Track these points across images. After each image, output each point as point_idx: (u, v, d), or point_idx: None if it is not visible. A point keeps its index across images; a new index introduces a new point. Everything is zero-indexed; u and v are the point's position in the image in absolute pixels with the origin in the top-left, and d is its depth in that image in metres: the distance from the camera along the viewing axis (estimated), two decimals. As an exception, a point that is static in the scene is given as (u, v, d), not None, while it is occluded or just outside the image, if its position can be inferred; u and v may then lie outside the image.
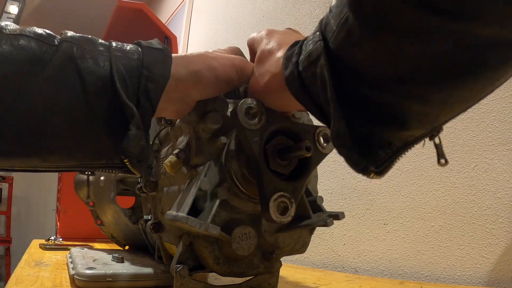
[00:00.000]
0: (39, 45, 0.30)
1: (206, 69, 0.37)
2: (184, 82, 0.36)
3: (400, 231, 0.79)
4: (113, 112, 0.32)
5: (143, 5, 1.69)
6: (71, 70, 0.31)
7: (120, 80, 0.32)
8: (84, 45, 0.32)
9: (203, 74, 0.36)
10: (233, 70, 0.38)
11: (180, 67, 0.35)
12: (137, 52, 0.34)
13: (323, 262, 0.94)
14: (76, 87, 0.31)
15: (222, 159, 0.39)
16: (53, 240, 1.01)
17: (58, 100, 0.30)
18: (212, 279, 0.54)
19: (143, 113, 0.33)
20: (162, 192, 0.49)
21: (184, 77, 0.36)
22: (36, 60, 0.30)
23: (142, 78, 0.33)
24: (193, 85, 0.36)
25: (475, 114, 0.69)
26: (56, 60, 0.30)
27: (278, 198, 0.35)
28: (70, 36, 0.33)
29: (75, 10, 3.35)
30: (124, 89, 0.32)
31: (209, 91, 0.38)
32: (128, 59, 0.33)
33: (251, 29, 1.44)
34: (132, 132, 0.32)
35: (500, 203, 0.63)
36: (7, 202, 3.31)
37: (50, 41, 0.31)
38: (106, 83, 0.32)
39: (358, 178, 0.90)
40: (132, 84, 0.32)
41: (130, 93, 0.32)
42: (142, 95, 0.33)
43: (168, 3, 2.63)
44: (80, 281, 0.49)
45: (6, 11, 2.82)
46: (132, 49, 0.34)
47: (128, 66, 0.33)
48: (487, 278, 0.63)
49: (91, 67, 0.31)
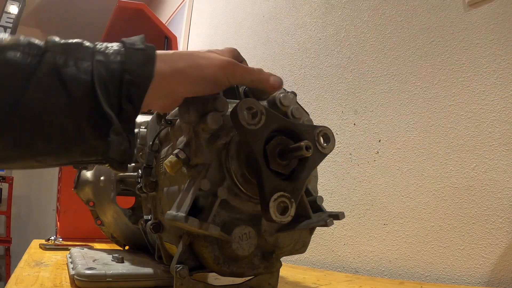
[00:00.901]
0: (24, 58, 0.32)
1: (192, 68, 0.37)
2: (169, 80, 0.37)
3: (400, 231, 0.79)
4: (97, 116, 0.33)
5: (143, 5, 1.69)
6: (55, 79, 0.32)
7: (101, 87, 0.33)
8: (68, 52, 0.33)
9: (189, 72, 0.37)
10: (221, 71, 0.38)
11: (165, 65, 0.36)
12: (120, 54, 0.35)
13: (323, 262, 0.94)
14: (60, 95, 0.32)
15: (222, 159, 0.39)
16: (53, 240, 1.01)
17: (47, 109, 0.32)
18: (212, 279, 0.54)
19: (125, 116, 0.34)
20: (162, 192, 0.49)
21: (168, 74, 0.36)
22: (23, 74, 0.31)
23: (124, 83, 0.34)
24: (178, 83, 0.37)
25: (475, 115, 0.69)
26: (39, 72, 0.32)
27: (278, 198, 0.35)
28: (53, 45, 0.34)
29: (75, 10, 3.35)
30: (105, 95, 0.33)
31: (195, 89, 0.38)
32: (110, 63, 0.34)
33: (251, 29, 1.44)
34: (111, 139, 0.34)
35: (500, 203, 0.63)
36: (7, 202, 3.31)
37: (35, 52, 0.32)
38: (88, 90, 0.33)
39: (358, 178, 0.90)
40: (114, 89, 0.33)
41: (112, 98, 0.33)
42: (124, 100, 0.34)
43: (168, 3, 2.63)
44: (80, 281, 0.49)
45: (6, 11, 2.82)
46: (115, 51, 0.35)
47: (110, 70, 0.34)
48: (487, 278, 0.63)
49: (73, 74, 0.32)
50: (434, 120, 0.75)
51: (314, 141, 0.38)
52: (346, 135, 0.94)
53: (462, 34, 0.72)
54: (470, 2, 0.71)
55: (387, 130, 0.85)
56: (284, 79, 1.32)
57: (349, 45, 0.98)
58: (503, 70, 0.65)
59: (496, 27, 0.67)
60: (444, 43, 0.75)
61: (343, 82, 0.98)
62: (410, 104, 0.81)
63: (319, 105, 1.04)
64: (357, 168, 0.90)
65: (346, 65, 0.98)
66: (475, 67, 0.70)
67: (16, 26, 2.83)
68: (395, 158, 0.82)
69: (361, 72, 0.94)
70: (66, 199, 1.15)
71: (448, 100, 0.74)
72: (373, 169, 0.86)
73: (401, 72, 0.84)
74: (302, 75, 1.13)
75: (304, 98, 1.09)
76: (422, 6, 0.81)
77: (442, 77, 0.75)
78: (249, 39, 1.44)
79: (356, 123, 0.92)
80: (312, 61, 1.10)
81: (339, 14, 1.02)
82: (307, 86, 1.10)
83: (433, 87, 0.77)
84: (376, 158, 0.86)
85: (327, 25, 1.06)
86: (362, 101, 0.92)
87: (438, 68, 0.76)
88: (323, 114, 1.02)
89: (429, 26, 0.79)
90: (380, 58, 0.89)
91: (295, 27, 1.19)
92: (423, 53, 0.79)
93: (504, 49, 0.66)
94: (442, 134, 0.73)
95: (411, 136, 0.79)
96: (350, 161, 0.92)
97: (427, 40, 0.79)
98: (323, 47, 1.06)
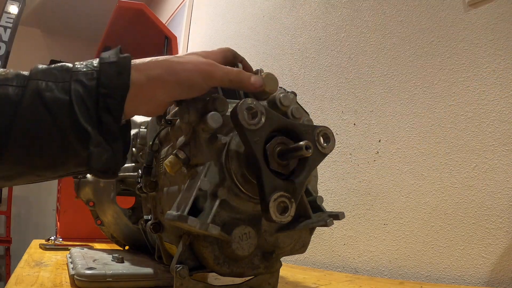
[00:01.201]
0: (13, 90, 0.36)
1: (167, 73, 0.39)
2: (146, 88, 0.39)
3: (400, 231, 0.79)
4: (79, 131, 0.36)
5: (143, 5, 1.69)
6: (39, 104, 0.35)
7: (78, 104, 0.36)
8: (49, 76, 0.37)
9: (164, 78, 0.39)
10: (197, 75, 0.40)
11: (140, 74, 0.38)
12: (95, 70, 0.37)
13: (323, 262, 0.94)
14: (45, 117, 0.35)
15: (222, 159, 0.39)
16: (53, 240, 1.01)
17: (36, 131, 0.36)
18: (212, 279, 0.54)
19: (105, 128, 0.37)
20: (162, 192, 0.49)
21: (145, 82, 0.38)
22: (11, 105, 0.35)
23: (100, 97, 0.36)
24: (156, 89, 0.39)
25: (475, 115, 0.69)
26: (25, 100, 0.35)
27: (278, 198, 0.35)
28: (36, 72, 0.37)
29: (75, 10, 3.35)
30: (83, 110, 0.36)
31: (174, 94, 0.40)
32: (87, 80, 0.37)
33: (251, 29, 1.44)
34: (91, 151, 0.36)
35: (500, 203, 0.63)
36: (7, 202, 3.31)
37: (20, 83, 0.36)
38: (67, 108, 0.36)
39: (358, 178, 0.90)
40: (91, 104, 0.36)
41: (91, 112, 0.36)
42: (102, 112, 0.36)
43: (168, 3, 2.63)
44: (80, 281, 0.49)
45: (6, 11, 2.82)
46: (91, 68, 0.38)
47: (87, 87, 0.36)
48: (487, 278, 0.63)
49: (55, 97, 0.36)
50: (434, 120, 0.75)
51: (314, 141, 0.38)
52: (346, 135, 0.94)
53: (462, 34, 0.72)
54: (470, 2, 0.71)
55: (387, 130, 0.85)
56: (284, 79, 1.32)
57: (349, 45, 0.98)
58: (503, 70, 0.65)
59: (496, 27, 0.67)
60: (444, 43, 0.75)
61: (343, 82, 0.98)
62: (410, 104, 0.81)
63: (319, 105, 1.04)
64: (357, 168, 0.90)
65: (346, 65, 0.98)
66: (475, 67, 0.70)
67: (16, 26, 2.83)
68: (395, 158, 0.82)
69: (361, 72, 0.94)
70: (66, 199, 1.15)
71: (448, 100, 0.74)
72: (373, 169, 0.86)
73: (401, 72, 0.84)
74: (302, 75, 1.13)
75: (304, 98, 1.09)
76: (422, 6, 0.81)
77: (442, 77, 0.75)
78: (249, 39, 1.44)
79: (356, 123, 0.92)
80: (312, 61, 1.10)
81: (339, 14, 1.02)
82: (307, 86, 1.10)
83: (433, 87, 0.77)
84: (376, 158, 0.86)
85: (327, 25, 1.06)
86: (362, 101, 0.92)
87: (438, 68, 0.76)
88: (323, 114, 1.02)
89: (429, 26, 0.79)
90: (380, 58, 0.89)
91: (295, 27, 1.19)
92: (423, 53, 0.79)
93: (504, 49, 0.66)
94: (442, 134, 0.73)
95: (411, 136, 0.79)
96: (350, 161, 0.92)
97: (427, 40, 0.79)
98: (323, 47, 1.06)
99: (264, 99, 0.44)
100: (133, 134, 0.71)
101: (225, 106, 0.40)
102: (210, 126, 0.38)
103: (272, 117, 0.37)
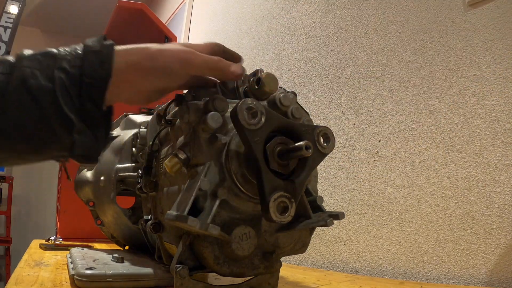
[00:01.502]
0: None
1: (144, 60, 0.39)
2: (126, 74, 0.39)
3: (400, 231, 0.79)
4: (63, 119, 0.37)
5: (143, 5, 1.69)
6: (23, 91, 0.36)
7: (62, 92, 0.36)
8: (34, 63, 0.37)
9: (142, 64, 0.39)
10: (174, 61, 0.40)
11: (121, 60, 0.39)
12: (79, 58, 0.38)
13: (323, 262, 0.94)
14: (30, 104, 0.36)
15: (222, 159, 0.39)
16: (53, 240, 1.01)
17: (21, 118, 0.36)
18: (212, 279, 0.54)
19: (89, 115, 0.37)
20: (162, 192, 0.49)
21: (124, 69, 0.39)
22: None
23: (83, 85, 0.37)
24: (135, 76, 0.39)
25: (475, 115, 0.69)
26: (11, 87, 0.36)
27: (278, 198, 0.35)
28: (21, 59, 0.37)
29: (75, 10, 3.35)
30: (67, 98, 0.36)
31: (151, 81, 0.40)
32: (70, 67, 0.37)
33: (251, 29, 1.44)
34: (74, 138, 0.37)
35: (500, 203, 0.63)
36: (7, 202, 3.31)
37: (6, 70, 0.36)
38: (51, 96, 0.36)
39: (358, 178, 0.90)
40: (74, 92, 0.37)
41: (74, 100, 0.37)
42: (85, 100, 0.37)
43: (168, 3, 2.63)
44: (80, 281, 0.49)
45: (6, 11, 2.82)
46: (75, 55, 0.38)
47: (70, 75, 0.37)
48: (487, 278, 0.63)
49: (39, 84, 0.36)
50: (434, 120, 0.75)
51: (314, 141, 0.38)
52: (346, 135, 0.94)
53: (462, 34, 0.72)
54: (470, 2, 0.71)
55: (387, 130, 0.85)
56: (284, 79, 1.32)
57: (349, 45, 0.98)
58: (503, 70, 0.65)
59: (496, 27, 0.67)
60: (444, 43, 0.75)
61: (343, 82, 0.98)
62: (410, 104, 0.81)
63: (319, 105, 1.04)
64: (357, 168, 0.90)
65: (346, 65, 0.98)
66: (475, 67, 0.70)
67: (16, 26, 2.83)
68: (395, 158, 0.82)
69: (361, 72, 0.94)
70: (66, 199, 1.15)
71: (448, 100, 0.74)
72: (373, 169, 0.86)
73: (401, 72, 0.84)
74: (302, 75, 1.13)
75: (304, 98, 1.09)
76: (422, 6, 0.81)
77: (442, 77, 0.75)
78: (249, 39, 1.44)
79: (356, 123, 0.93)
80: (312, 61, 1.10)
81: (339, 14, 1.02)
82: (307, 86, 1.10)
83: (433, 87, 0.77)
84: (376, 158, 0.86)
85: (327, 25, 1.06)
86: (362, 101, 0.92)
87: (438, 68, 0.76)
88: (323, 114, 1.02)
89: (429, 26, 0.79)
90: (380, 58, 0.89)
91: (295, 27, 1.19)
92: (423, 53, 0.79)
93: (504, 49, 0.66)
94: (442, 134, 0.73)
95: (411, 136, 0.79)
96: (350, 161, 0.92)
97: (427, 40, 0.79)
98: (323, 47, 1.06)
99: (264, 99, 0.44)
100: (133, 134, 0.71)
101: (225, 106, 0.40)
102: (210, 126, 0.38)
103: (272, 117, 0.37)
